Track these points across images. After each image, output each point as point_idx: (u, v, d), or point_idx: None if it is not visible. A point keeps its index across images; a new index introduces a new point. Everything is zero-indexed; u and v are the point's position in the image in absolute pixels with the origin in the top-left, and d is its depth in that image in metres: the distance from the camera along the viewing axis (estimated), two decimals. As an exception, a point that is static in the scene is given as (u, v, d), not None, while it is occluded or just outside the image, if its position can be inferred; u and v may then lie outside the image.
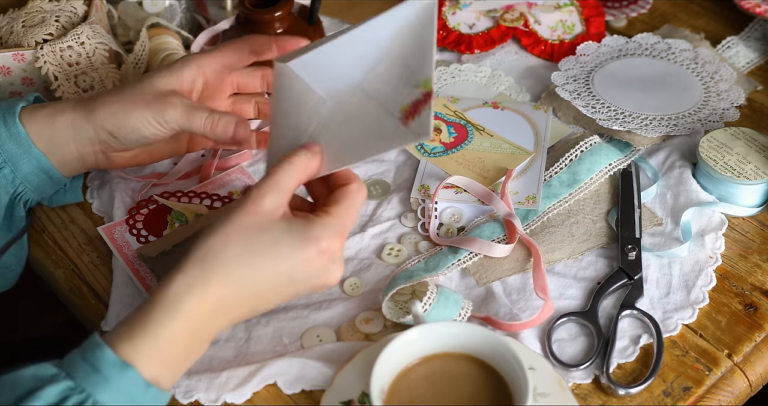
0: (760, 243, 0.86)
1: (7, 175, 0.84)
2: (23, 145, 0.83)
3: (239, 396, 0.75)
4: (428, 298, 0.77)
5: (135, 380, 0.64)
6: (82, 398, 0.63)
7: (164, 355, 0.66)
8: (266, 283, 0.69)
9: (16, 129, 0.83)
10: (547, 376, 0.73)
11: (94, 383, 0.63)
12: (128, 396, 0.64)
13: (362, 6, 1.18)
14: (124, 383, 0.64)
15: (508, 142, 0.96)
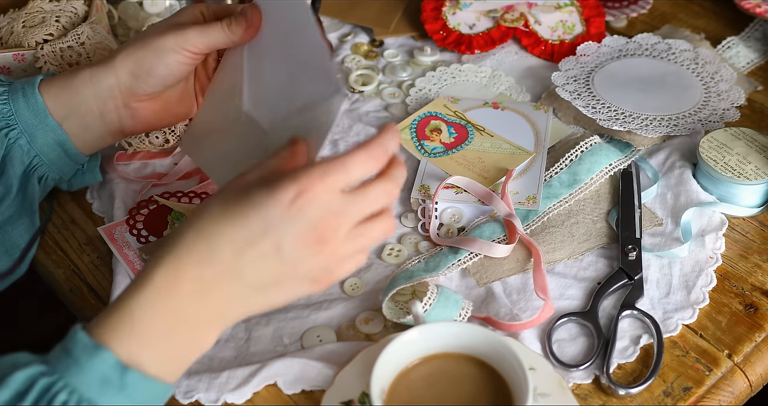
0: (760, 243, 0.86)
1: (23, 146, 0.83)
2: (40, 116, 0.83)
3: (239, 396, 0.75)
4: (428, 298, 0.77)
5: (107, 360, 0.61)
6: (51, 381, 0.60)
7: (142, 334, 0.62)
8: (242, 236, 0.62)
9: (35, 99, 0.83)
10: (548, 376, 0.73)
11: (65, 367, 0.61)
12: (102, 378, 0.60)
13: (362, 6, 1.18)
14: (94, 364, 0.61)
15: (509, 143, 0.96)
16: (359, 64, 1.09)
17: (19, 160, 0.84)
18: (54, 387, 0.60)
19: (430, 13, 1.13)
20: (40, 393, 0.60)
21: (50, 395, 0.60)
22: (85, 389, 0.60)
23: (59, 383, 0.60)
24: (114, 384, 0.61)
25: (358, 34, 1.14)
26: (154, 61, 0.82)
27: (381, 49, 1.12)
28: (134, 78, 0.83)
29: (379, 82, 1.07)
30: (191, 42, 0.82)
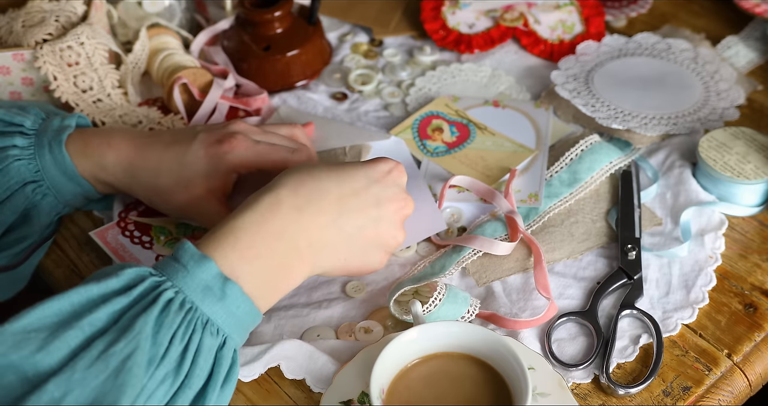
0: (760, 243, 0.86)
1: (50, 202, 0.85)
2: (68, 174, 0.84)
3: (248, 373, 0.75)
4: (438, 294, 0.77)
5: (211, 270, 0.66)
6: (160, 280, 0.66)
7: (242, 249, 0.68)
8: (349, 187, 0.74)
9: (62, 157, 0.83)
10: (547, 376, 0.73)
11: (173, 271, 0.66)
12: (205, 286, 0.66)
13: (362, 6, 1.18)
14: (201, 272, 0.66)
15: (511, 141, 0.96)
16: (359, 64, 1.09)
17: (47, 213, 0.86)
18: (162, 285, 0.66)
19: (429, 12, 1.13)
20: (149, 288, 0.65)
21: (158, 291, 0.65)
22: (190, 291, 0.66)
23: (167, 283, 0.66)
24: (215, 293, 0.66)
25: (358, 33, 1.14)
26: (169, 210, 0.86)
27: (380, 49, 1.12)
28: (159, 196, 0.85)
29: (378, 81, 1.07)
30: None
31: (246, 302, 0.68)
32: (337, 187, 0.73)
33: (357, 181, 0.74)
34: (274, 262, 0.70)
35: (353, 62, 1.09)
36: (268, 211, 0.70)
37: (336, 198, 0.73)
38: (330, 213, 0.72)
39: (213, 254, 0.68)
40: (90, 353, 0.60)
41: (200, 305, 0.66)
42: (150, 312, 0.63)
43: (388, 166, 0.76)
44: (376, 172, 0.75)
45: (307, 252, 0.72)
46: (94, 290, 0.64)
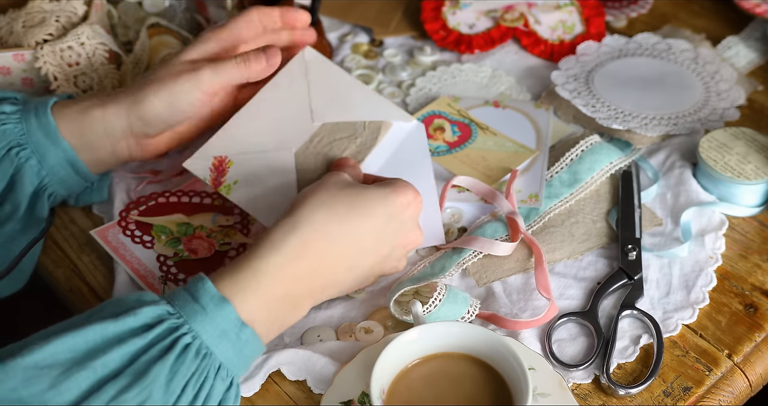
0: (760, 243, 0.86)
1: (33, 166, 0.84)
2: (51, 136, 0.83)
3: (248, 389, 0.75)
4: (438, 294, 0.77)
5: (231, 315, 0.66)
6: (178, 323, 0.65)
7: (264, 294, 0.68)
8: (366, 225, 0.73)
9: (46, 119, 0.83)
10: (547, 376, 0.73)
11: (192, 312, 0.65)
12: (222, 330, 0.66)
13: (362, 6, 1.18)
14: (219, 316, 0.65)
15: (512, 141, 0.96)
16: (359, 64, 1.09)
17: (30, 179, 0.84)
18: (181, 329, 0.65)
19: (430, 12, 1.13)
20: (165, 332, 0.64)
21: (176, 335, 0.64)
22: (207, 336, 0.65)
23: (185, 327, 0.65)
24: (230, 337, 0.66)
25: (358, 33, 1.14)
26: (165, 107, 0.84)
27: (381, 49, 1.12)
28: (145, 122, 0.85)
29: (379, 81, 1.07)
30: (205, 84, 0.84)
31: (257, 342, 0.68)
32: (357, 226, 0.73)
33: (376, 219, 0.74)
34: (288, 304, 0.71)
35: (353, 62, 1.09)
36: (293, 254, 0.70)
37: (355, 240, 0.73)
38: (347, 258, 0.73)
39: (233, 297, 0.67)
40: (101, 397, 0.60)
41: (215, 350, 0.66)
42: (166, 359, 0.63)
43: (407, 200, 0.76)
44: (396, 206, 0.75)
45: (320, 293, 0.74)
46: (110, 328, 0.63)
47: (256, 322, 0.68)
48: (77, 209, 0.94)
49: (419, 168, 0.89)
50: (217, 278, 0.68)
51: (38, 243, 0.89)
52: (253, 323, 0.67)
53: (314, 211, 0.72)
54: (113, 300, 0.67)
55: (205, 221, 0.89)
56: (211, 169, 0.87)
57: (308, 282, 0.71)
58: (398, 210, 0.75)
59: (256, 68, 0.86)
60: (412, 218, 0.77)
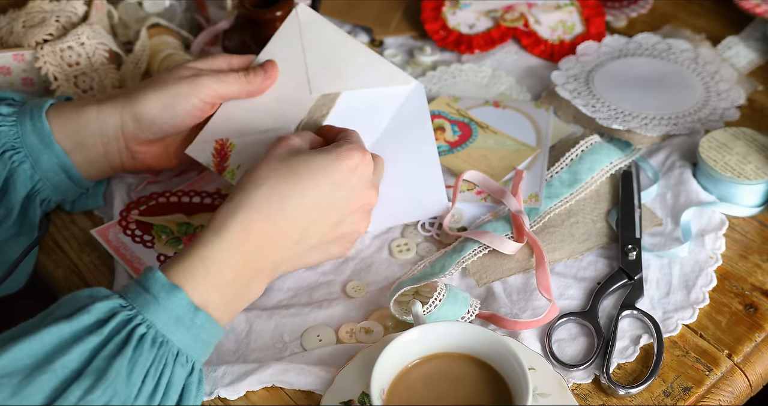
0: (760, 243, 0.86)
1: (26, 170, 0.83)
2: (45, 140, 0.83)
3: (233, 392, 0.75)
4: (438, 294, 0.77)
5: (182, 301, 0.66)
6: (131, 315, 0.65)
7: (213, 279, 0.68)
8: (311, 199, 0.73)
9: (41, 123, 0.83)
10: (548, 376, 0.73)
11: (144, 303, 0.66)
12: (176, 317, 0.66)
13: (362, 6, 1.18)
14: (171, 303, 0.66)
15: (512, 139, 0.96)
16: (359, 64, 1.09)
17: (23, 183, 0.84)
18: (134, 320, 0.65)
19: (430, 12, 1.13)
20: (120, 324, 0.65)
21: (129, 327, 0.65)
22: (161, 324, 0.66)
23: (138, 318, 0.65)
24: (185, 323, 0.66)
25: (358, 33, 1.14)
26: (161, 109, 0.83)
27: (381, 49, 1.12)
28: (138, 123, 0.84)
29: (379, 82, 1.07)
30: (204, 90, 0.84)
31: (214, 326, 0.68)
32: (300, 201, 0.73)
33: (320, 189, 0.73)
34: (240, 285, 0.71)
35: (353, 62, 1.09)
36: (237, 238, 0.70)
37: (299, 214, 0.73)
38: (294, 232, 0.73)
39: (183, 283, 0.67)
40: (67, 399, 0.60)
41: (171, 337, 0.66)
42: (124, 353, 0.63)
43: (353, 163, 0.75)
44: (341, 172, 0.74)
45: (271, 270, 0.73)
46: (66, 328, 0.63)
47: (209, 306, 0.68)
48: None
49: (419, 132, 0.87)
50: (166, 267, 0.68)
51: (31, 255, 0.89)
52: (207, 307, 0.68)
53: (254, 190, 0.72)
54: (65, 299, 0.67)
55: (205, 220, 0.89)
56: (213, 155, 0.86)
57: (257, 262, 0.71)
58: (344, 176, 0.74)
59: (255, 82, 0.86)
60: (362, 181, 0.76)
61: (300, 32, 0.88)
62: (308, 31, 0.89)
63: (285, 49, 0.88)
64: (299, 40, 0.88)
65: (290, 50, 0.88)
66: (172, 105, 0.83)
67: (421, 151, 0.86)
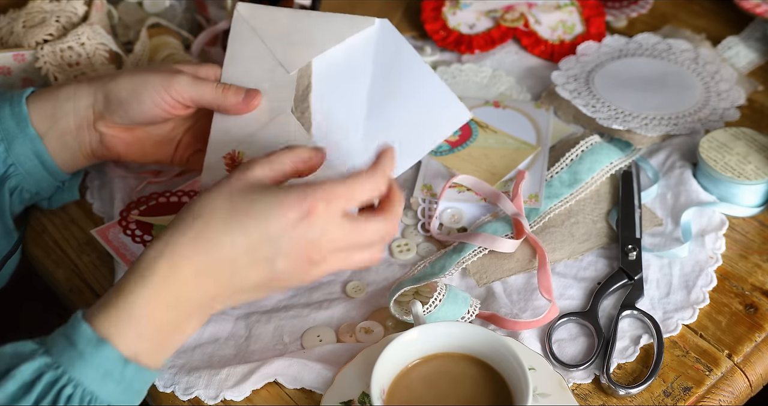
0: (760, 243, 0.86)
1: (0, 153, 0.83)
2: (21, 124, 0.82)
3: (239, 393, 0.75)
4: (438, 294, 0.77)
5: (111, 355, 0.63)
6: (57, 375, 0.62)
7: (141, 327, 0.64)
8: (242, 244, 0.65)
9: (19, 108, 0.83)
10: (548, 376, 0.73)
11: (70, 359, 0.63)
12: (104, 372, 0.63)
13: (362, 6, 1.17)
14: (99, 358, 0.62)
15: (513, 138, 0.96)
16: (359, 64, 1.09)
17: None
18: (60, 381, 0.62)
19: (430, 13, 1.13)
20: (47, 386, 0.62)
21: (56, 389, 0.62)
22: (89, 382, 0.62)
23: (64, 378, 0.62)
24: (114, 377, 0.63)
25: (358, 34, 1.14)
26: (130, 93, 0.82)
27: (381, 49, 1.12)
28: (107, 102, 0.83)
29: (379, 82, 1.07)
30: (176, 87, 0.82)
31: (145, 374, 0.65)
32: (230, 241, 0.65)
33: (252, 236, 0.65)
34: (171, 329, 0.66)
35: (354, 62, 1.09)
36: (162, 283, 0.64)
37: (230, 256, 0.65)
38: (224, 273, 0.66)
39: (110, 335, 0.63)
40: None
41: (100, 394, 0.63)
42: None
43: (296, 214, 0.65)
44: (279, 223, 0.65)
45: (202, 309, 0.68)
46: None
47: (139, 354, 0.64)
48: (77, 209, 0.94)
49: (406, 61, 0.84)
50: (94, 313, 0.64)
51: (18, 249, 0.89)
52: (136, 356, 0.64)
53: (186, 228, 0.66)
54: None
55: None
56: (228, 171, 0.85)
57: (186, 305, 0.66)
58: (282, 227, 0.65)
59: (231, 99, 0.83)
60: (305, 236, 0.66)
61: (251, 27, 0.88)
62: (257, 22, 0.87)
63: (246, 47, 0.87)
64: (254, 34, 0.87)
65: (251, 46, 0.87)
66: (141, 92, 0.81)
67: (418, 77, 0.83)
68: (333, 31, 0.86)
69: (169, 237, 0.66)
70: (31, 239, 0.93)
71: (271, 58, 0.86)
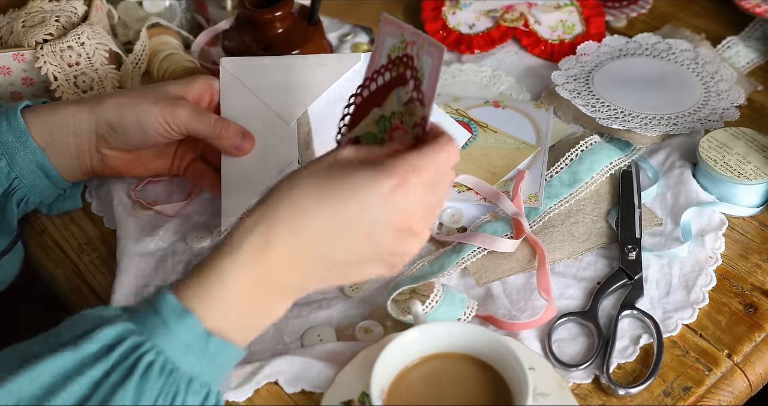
0: (760, 243, 0.86)
1: (2, 168, 0.83)
2: (21, 138, 0.83)
3: (241, 394, 0.75)
4: (435, 295, 0.77)
5: (194, 327, 0.62)
6: (140, 340, 0.61)
7: (228, 301, 0.63)
8: (339, 220, 0.64)
9: (16, 122, 0.83)
10: (547, 376, 0.73)
11: (154, 327, 0.62)
12: (187, 344, 0.62)
13: (362, 6, 1.18)
14: (182, 329, 0.62)
15: (513, 138, 0.96)
16: (359, 64, 1.09)
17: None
18: (142, 347, 0.61)
19: (430, 13, 1.13)
20: (127, 351, 0.61)
21: (137, 355, 0.61)
22: (171, 351, 0.61)
23: (147, 344, 0.61)
24: (197, 350, 0.62)
25: (358, 33, 1.14)
26: (133, 124, 0.84)
27: (381, 49, 1.12)
28: (111, 130, 0.84)
29: (379, 82, 1.07)
30: (177, 121, 0.84)
31: (230, 349, 0.64)
32: (325, 216, 0.64)
33: (348, 208, 0.65)
34: (258, 307, 0.65)
35: (353, 62, 1.09)
36: (253, 258, 0.64)
37: (324, 234, 0.65)
38: (318, 253, 0.65)
39: (196, 307, 0.62)
40: None
41: (182, 365, 0.62)
42: (130, 381, 0.60)
43: (390, 185, 0.65)
44: (376, 192, 0.65)
45: (294, 288, 0.67)
46: (71, 357, 0.60)
47: (224, 329, 0.63)
48: (77, 209, 0.94)
49: None
50: (181, 286, 0.64)
51: (19, 250, 0.89)
52: (222, 330, 0.63)
53: (278, 204, 0.65)
54: (74, 318, 0.64)
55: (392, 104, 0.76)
56: None
57: (276, 284, 0.65)
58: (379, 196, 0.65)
59: (226, 140, 0.86)
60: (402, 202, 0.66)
61: (239, 80, 0.89)
62: (245, 76, 0.89)
63: (238, 102, 0.89)
64: (243, 88, 0.89)
65: (243, 100, 0.89)
66: (144, 122, 0.84)
67: None
68: (323, 73, 0.88)
69: (261, 213, 0.65)
70: (31, 238, 0.93)
71: (266, 111, 0.89)
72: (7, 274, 0.89)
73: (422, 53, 0.71)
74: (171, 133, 0.85)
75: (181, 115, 0.84)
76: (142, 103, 0.84)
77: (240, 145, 0.86)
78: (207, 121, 0.85)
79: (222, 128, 0.85)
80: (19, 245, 0.90)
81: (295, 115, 0.88)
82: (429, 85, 0.71)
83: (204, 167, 0.91)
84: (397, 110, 0.74)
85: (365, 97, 0.76)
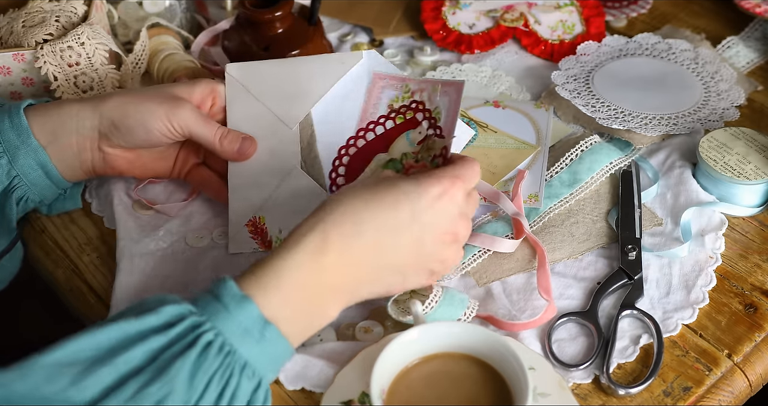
0: (760, 243, 0.86)
1: (3, 166, 0.83)
2: (22, 136, 0.83)
3: None
4: (435, 296, 0.77)
5: (252, 313, 0.65)
6: (200, 320, 0.64)
7: (286, 293, 0.67)
8: (389, 226, 0.70)
9: (19, 120, 0.83)
10: (548, 376, 0.73)
11: (214, 311, 0.65)
12: (245, 329, 0.65)
13: (362, 6, 1.18)
14: (241, 314, 0.65)
15: (512, 138, 0.96)
16: (359, 64, 1.09)
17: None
18: (203, 326, 0.64)
19: (430, 12, 1.13)
20: (187, 329, 0.64)
21: (196, 333, 0.64)
22: (229, 334, 0.65)
23: (207, 324, 0.64)
24: (254, 335, 0.65)
25: (358, 34, 1.14)
26: (142, 119, 0.84)
27: (381, 49, 1.12)
28: (114, 128, 0.85)
29: (379, 82, 1.07)
30: (180, 123, 0.85)
31: (283, 343, 0.67)
32: (376, 222, 0.70)
33: (399, 216, 0.70)
34: (313, 304, 0.69)
35: (353, 62, 1.09)
36: (312, 252, 0.68)
37: (373, 238, 0.70)
38: (368, 256, 0.70)
39: (255, 295, 0.66)
40: (123, 392, 0.60)
41: (239, 348, 0.65)
42: (188, 355, 0.63)
43: (439, 189, 0.71)
44: (423, 199, 0.71)
45: (347, 290, 0.71)
46: (132, 326, 0.63)
47: (280, 320, 0.67)
48: (77, 209, 0.94)
49: None
50: (240, 278, 0.68)
51: (18, 250, 0.89)
52: (278, 321, 0.66)
53: (333, 209, 0.70)
54: (136, 303, 0.67)
55: (402, 146, 0.83)
56: (253, 237, 0.87)
57: (332, 280, 0.69)
58: (427, 203, 0.71)
59: (226, 147, 0.87)
60: (448, 209, 0.72)
61: (243, 85, 0.90)
62: (248, 81, 0.90)
63: (243, 107, 0.90)
64: (247, 93, 0.90)
65: (247, 105, 0.90)
66: (148, 121, 0.84)
67: None
68: (324, 75, 0.89)
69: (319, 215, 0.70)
70: (31, 238, 0.93)
71: (270, 115, 0.89)
72: (7, 273, 0.89)
73: (435, 95, 0.80)
74: (174, 134, 0.85)
75: (185, 118, 0.84)
76: (146, 102, 0.84)
77: (241, 149, 0.87)
78: (209, 127, 0.86)
79: (222, 135, 0.86)
80: (18, 244, 0.90)
81: (298, 119, 0.88)
82: (448, 118, 0.78)
83: (208, 174, 0.92)
84: (409, 151, 0.81)
85: (360, 148, 0.84)
